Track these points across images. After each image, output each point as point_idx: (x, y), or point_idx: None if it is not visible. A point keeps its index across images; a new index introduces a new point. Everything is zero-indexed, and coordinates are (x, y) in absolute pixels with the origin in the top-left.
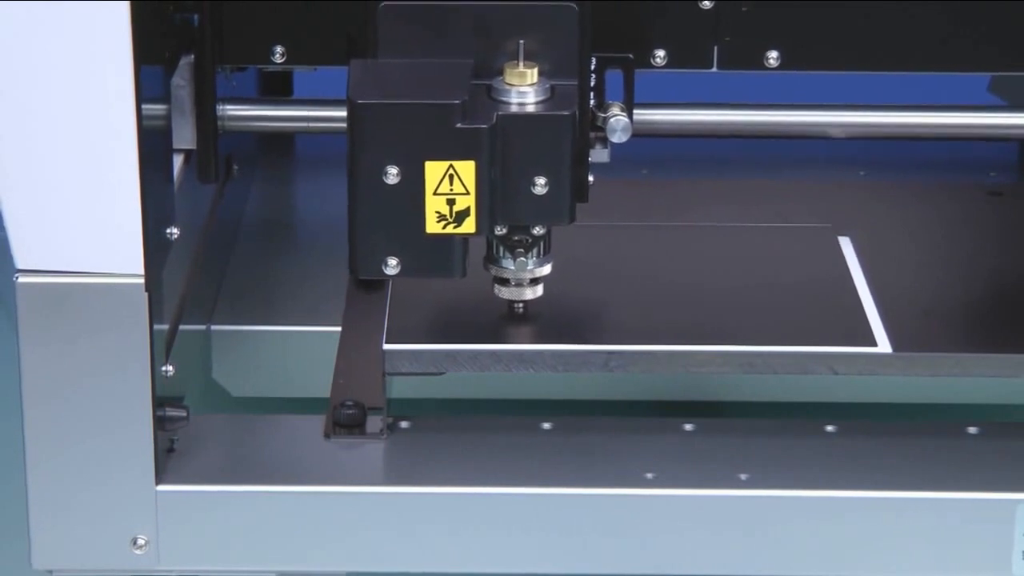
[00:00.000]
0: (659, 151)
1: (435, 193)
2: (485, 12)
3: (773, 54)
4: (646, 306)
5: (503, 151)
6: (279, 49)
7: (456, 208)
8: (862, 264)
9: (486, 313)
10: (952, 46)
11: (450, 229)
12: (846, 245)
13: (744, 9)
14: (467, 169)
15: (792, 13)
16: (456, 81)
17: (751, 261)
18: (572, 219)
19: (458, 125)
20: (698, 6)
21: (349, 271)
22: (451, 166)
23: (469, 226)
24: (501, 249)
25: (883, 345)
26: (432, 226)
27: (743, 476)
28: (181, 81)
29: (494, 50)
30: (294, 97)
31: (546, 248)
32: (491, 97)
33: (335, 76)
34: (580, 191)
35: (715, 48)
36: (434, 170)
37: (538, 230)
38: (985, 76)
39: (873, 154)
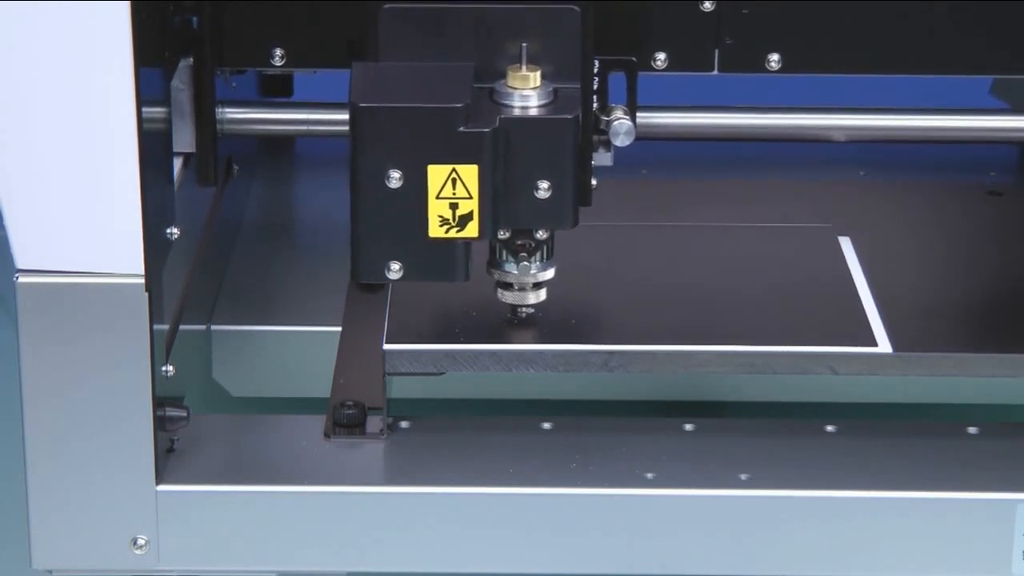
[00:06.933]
0: (659, 152)
1: (438, 197)
2: (487, 15)
3: (774, 57)
4: (646, 306)
5: (506, 155)
6: (279, 51)
7: (459, 212)
8: (862, 264)
9: (486, 313)
10: (954, 48)
11: (453, 233)
12: (846, 245)
13: (745, 11)
14: (470, 173)
15: (793, 15)
16: (458, 84)
17: (751, 261)
18: (575, 223)
19: (461, 129)
20: (699, 8)
21: (351, 276)
22: (454, 170)
23: (472, 230)
24: (504, 253)
25: (883, 345)
26: (435, 230)
27: (743, 476)
28: (180, 84)
29: (496, 53)
30: (294, 100)
31: (549, 252)
32: (494, 100)
33: (335, 78)
34: (583, 195)
35: (716, 51)
36: (437, 174)
37: (541, 234)
38: (987, 79)
39: (873, 154)
